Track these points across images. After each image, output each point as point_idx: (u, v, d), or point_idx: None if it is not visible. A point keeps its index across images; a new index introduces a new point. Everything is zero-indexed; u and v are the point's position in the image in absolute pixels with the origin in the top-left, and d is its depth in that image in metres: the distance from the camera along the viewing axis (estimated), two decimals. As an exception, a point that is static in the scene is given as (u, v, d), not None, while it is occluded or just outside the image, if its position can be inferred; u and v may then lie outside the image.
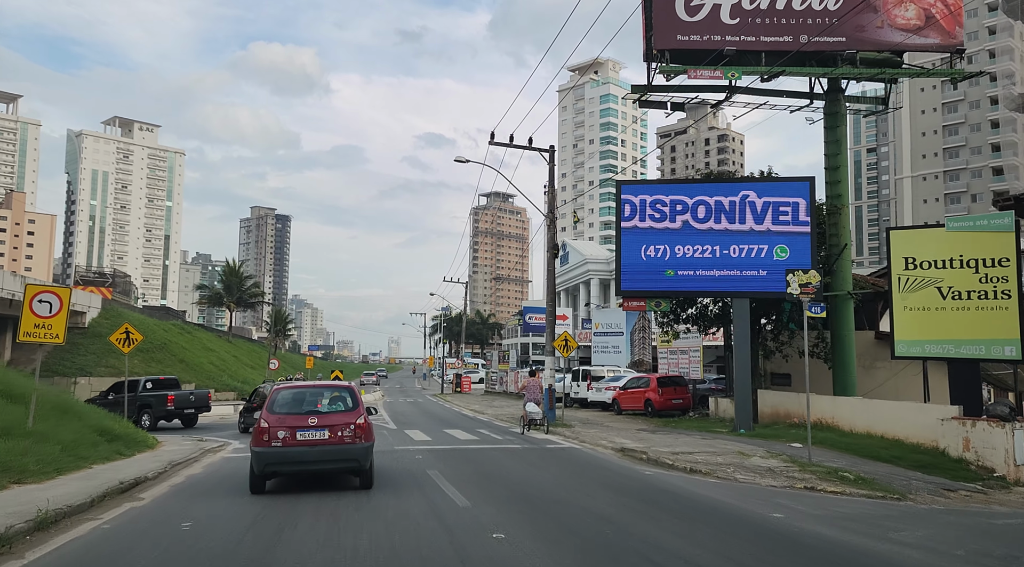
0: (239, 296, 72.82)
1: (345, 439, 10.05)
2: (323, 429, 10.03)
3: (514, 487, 10.93)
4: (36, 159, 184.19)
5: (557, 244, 23.81)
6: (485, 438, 18.97)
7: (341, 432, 10.06)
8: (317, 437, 9.98)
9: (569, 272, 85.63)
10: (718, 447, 15.63)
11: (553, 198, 23.17)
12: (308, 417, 10.18)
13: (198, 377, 44.89)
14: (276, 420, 10.07)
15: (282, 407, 10.46)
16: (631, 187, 20.79)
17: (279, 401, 10.59)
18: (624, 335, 37.92)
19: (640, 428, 21.61)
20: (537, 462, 13.97)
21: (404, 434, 20.40)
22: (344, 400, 10.81)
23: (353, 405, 10.68)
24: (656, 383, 26.67)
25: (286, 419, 10.10)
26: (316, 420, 10.12)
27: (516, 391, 47.37)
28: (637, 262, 20.28)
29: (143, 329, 46.60)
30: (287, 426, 9.97)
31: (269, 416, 10.15)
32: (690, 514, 8.85)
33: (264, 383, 25.17)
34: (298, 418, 10.16)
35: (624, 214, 20.38)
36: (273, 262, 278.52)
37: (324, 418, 10.22)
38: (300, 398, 10.81)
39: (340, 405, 10.69)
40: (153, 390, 25.80)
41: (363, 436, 10.21)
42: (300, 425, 10.01)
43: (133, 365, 41.47)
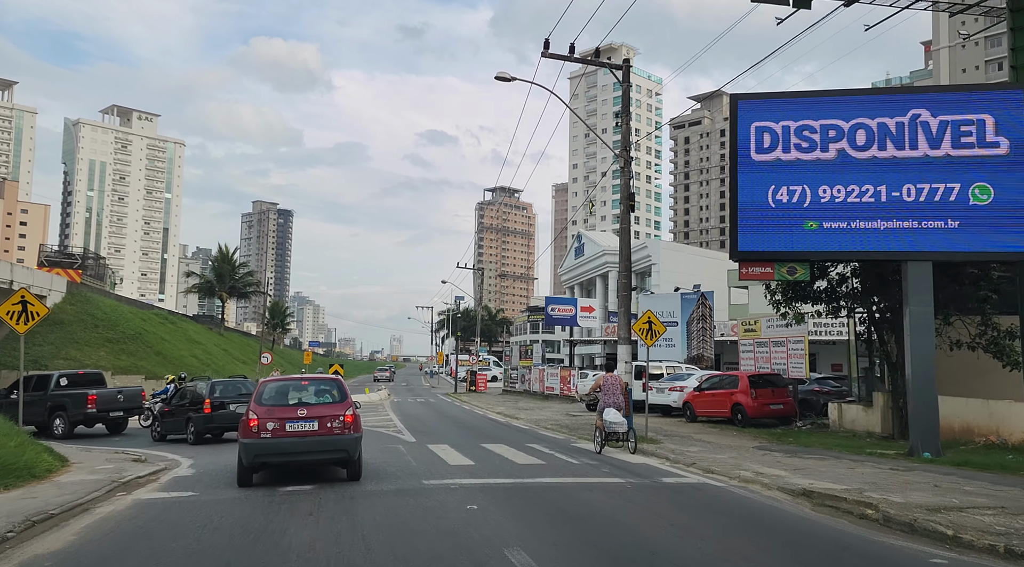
0: (232, 285, 66.80)
1: (334, 430, 10.15)
2: (312, 420, 10.08)
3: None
4: (32, 149, 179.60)
5: (633, 192, 17.69)
6: (552, 461, 12.93)
7: (330, 423, 10.14)
8: (307, 428, 10.04)
9: (584, 265, 79.67)
10: (970, 491, 9.54)
11: (628, 132, 17.20)
12: (297, 409, 10.23)
13: (178, 371, 38.89)
14: (265, 412, 10.06)
15: (271, 399, 10.48)
16: (758, 105, 14.55)
17: (268, 392, 10.64)
18: (679, 326, 31.86)
19: (757, 445, 15.54)
20: (682, 519, 7.94)
21: (429, 452, 14.39)
22: (332, 392, 10.85)
23: (341, 397, 10.72)
24: (748, 383, 20.62)
25: (275, 411, 10.12)
26: (305, 411, 10.19)
27: (541, 391, 41.49)
28: (763, 210, 14.21)
29: (115, 317, 40.73)
30: (276, 417, 9.98)
31: (258, 408, 10.13)
32: None
33: (193, 381, 19.40)
34: (287, 410, 10.21)
35: (749, 143, 14.29)
36: (275, 257, 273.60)
37: (313, 410, 10.28)
38: (288, 390, 10.86)
39: (328, 397, 10.73)
40: (69, 388, 19.88)
41: (352, 427, 10.33)
42: (289, 416, 10.07)
43: (99, 358, 35.58)
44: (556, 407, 32.03)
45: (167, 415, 18.73)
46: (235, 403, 17.39)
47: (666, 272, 67.69)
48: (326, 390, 10.92)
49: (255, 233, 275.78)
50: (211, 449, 16.30)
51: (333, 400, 10.61)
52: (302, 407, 10.28)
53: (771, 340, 21.96)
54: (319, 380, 11.57)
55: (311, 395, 10.82)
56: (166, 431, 18.79)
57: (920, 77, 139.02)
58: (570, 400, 36.49)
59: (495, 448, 15.13)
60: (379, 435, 18.95)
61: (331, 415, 10.17)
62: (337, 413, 10.23)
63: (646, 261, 69.48)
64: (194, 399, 17.86)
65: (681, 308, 31.95)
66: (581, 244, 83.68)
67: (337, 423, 10.12)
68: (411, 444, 16.22)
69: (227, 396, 17.69)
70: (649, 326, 16.49)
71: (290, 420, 9.97)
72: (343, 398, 10.69)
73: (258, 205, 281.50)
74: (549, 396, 39.99)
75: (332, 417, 10.14)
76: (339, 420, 10.15)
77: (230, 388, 18.18)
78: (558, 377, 39.94)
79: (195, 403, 17.68)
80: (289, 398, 10.62)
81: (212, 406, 17.22)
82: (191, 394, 18.18)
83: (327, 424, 10.07)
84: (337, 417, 10.17)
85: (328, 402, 10.55)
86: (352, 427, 10.28)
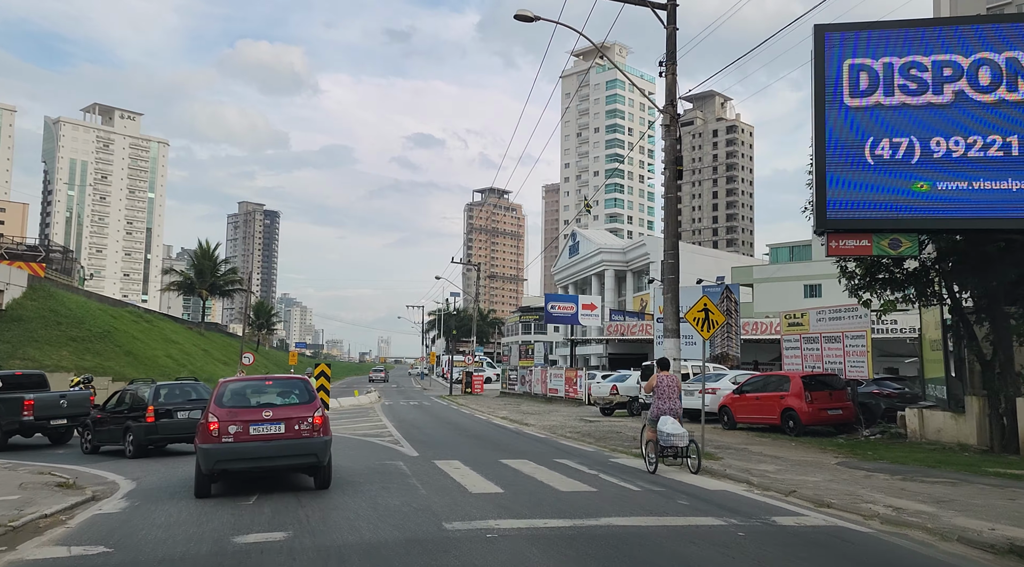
0: (213, 282, 63.36)
1: (303, 433, 9.51)
2: (279, 423, 9.43)
3: None
4: (11, 146, 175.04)
5: (682, 156, 14.70)
6: (603, 488, 9.92)
7: (298, 425, 9.51)
8: (273, 431, 9.39)
9: (579, 263, 77.05)
10: None
11: (674, 83, 14.25)
12: (262, 410, 9.59)
13: (150, 372, 35.65)
14: (227, 414, 9.38)
15: (232, 400, 9.77)
16: (851, 38, 11.51)
17: (228, 394, 9.89)
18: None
19: (840, 461, 12.62)
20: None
21: (439, 473, 11.36)
22: (298, 393, 10.17)
23: (309, 398, 10.05)
24: (801, 385, 17.71)
25: (237, 413, 9.46)
26: (271, 413, 9.53)
27: (544, 393, 38.57)
28: (859, 167, 11.32)
29: (81, 314, 37.39)
30: (239, 420, 9.32)
31: (218, 410, 9.45)
32: None
33: (133, 382, 16.22)
34: (251, 412, 9.59)
35: (840, 86, 11.38)
36: (261, 259, 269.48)
37: (279, 411, 9.63)
38: (251, 391, 10.28)
39: (294, 398, 10.08)
40: (3, 391, 16.75)
41: (321, 430, 9.67)
42: (254, 419, 9.41)
43: (60, 358, 32.29)
44: (564, 411, 29.12)
45: (100, 423, 15.61)
46: (183, 410, 14.38)
47: (665, 270, 65.14)
48: (291, 390, 10.23)
49: (241, 234, 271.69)
50: (156, 466, 13.25)
51: (300, 401, 9.94)
52: (267, 409, 9.63)
53: (822, 335, 19.09)
54: (284, 380, 10.83)
55: (276, 396, 10.14)
56: (99, 441, 15.73)
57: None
58: (576, 403, 33.60)
59: (519, 465, 12.13)
60: (372, 446, 15.92)
61: (299, 417, 9.54)
62: (305, 415, 9.60)
63: (644, 259, 66.86)
64: (134, 405, 14.78)
65: (703, 303, 29.06)
66: (576, 242, 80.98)
67: (305, 425, 9.51)
68: (413, 460, 13.18)
69: (174, 402, 14.66)
70: (705, 315, 13.59)
71: (255, 422, 9.34)
72: (310, 399, 10.02)
73: (244, 206, 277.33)
74: (553, 399, 37.10)
75: (300, 419, 9.52)
76: (307, 422, 9.54)
77: (178, 392, 15.11)
78: (563, 378, 37.00)
79: (135, 410, 14.62)
80: (252, 399, 9.98)
81: (156, 414, 14.18)
82: (131, 399, 15.06)
83: (295, 426, 9.45)
84: (305, 419, 9.55)
85: (295, 403, 9.88)
86: (322, 429, 9.65)
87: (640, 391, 25.29)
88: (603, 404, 26.16)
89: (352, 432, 19.94)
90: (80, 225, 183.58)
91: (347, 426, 22.28)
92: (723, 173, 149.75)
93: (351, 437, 18.39)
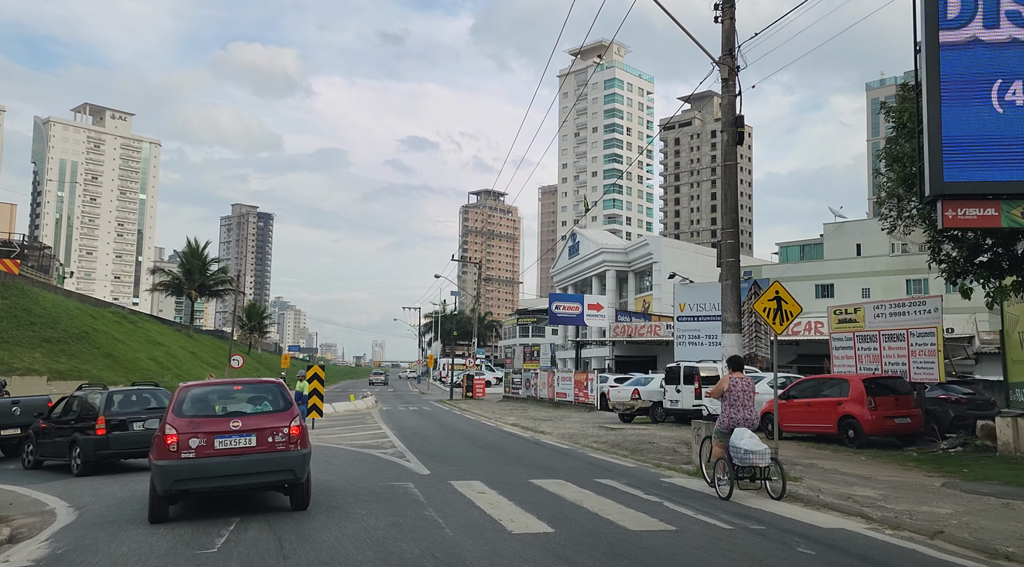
0: (202, 282, 60.80)
1: (278, 445, 8.17)
2: (249, 434, 8.09)
3: None
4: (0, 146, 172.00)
5: (742, 114, 12.39)
6: (684, 525, 7.59)
7: (272, 437, 8.17)
8: (243, 444, 8.03)
9: (579, 264, 74.83)
10: None
11: (732, 30, 12.00)
12: (230, 420, 8.19)
13: (130, 375, 33.24)
14: (187, 425, 8.01)
15: (194, 408, 8.35)
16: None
17: (190, 401, 8.45)
18: (727, 320, 26.72)
19: (944, 482, 10.37)
20: None
21: (461, 500, 9.04)
22: (272, 399, 8.77)
23: (285, 405, 8.67)
24: (863, 389, 15.46)
25: (200, 423, 8.08)
26: (240, 423, 8.15)
27: (551, 398, 36.31)
28: (984, 119, 9.09)
29: (57, 313, 34.94)
30: (202, 432, 7.96)
31: (177, 420, 8.04)
32: None
33: (82, 387, 13.80)
34: (216, 421, 8.19)
35: (958, 15, 9.16)
36: (255, 261, 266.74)
37: (250, 421, 8.26)
38: (217, 397, 8.82)
39: (267, 405, 8.67)
40: None
41: (299, 442, 8.33)
42: (220, 430, 8.05)
43: (32, 360, 29.85)
44: (577, 417, 26.87)
45: (44, 434, 13.35)
46: (140, 421, 12.16)
47: (668, 271, 63.02)
48: (264, 396, 8.86)
49: (234, 237, 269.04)
50: (108, 486, 10.98)
51: (274, 408, 8.63)
52: (236, 418, 8.27)
53: (881, 333, 16.86)
54: (255, 384, 9.42)
55: (246, 403, 8.78)
56: (42, 455, 13.50)
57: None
58: (587, 408, 31.36)
59: (557, 488, 9.83)
60: (373, 461, 13.60)
61: (273, 427, 8.29)
62: (280, 424, 8.34)
63: (647, 259, 64.70)
64: (83, 414, 12.48)
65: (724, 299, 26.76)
66: (576, 243, 78.72)
67: (281, 437, 8.26)
68: (425, 480, 10.86)
69: (129, 411, 12.38)
70: (778, 304, 11.24)
71: (221, 434, 8.04)
72: (286, 406, 8.68)
73: (237, 208, 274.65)
74: (561, 403, 34.85)
75: (274, 429, 8.27)
76: (283, 433, 8.28)
77: (135, 400, 12.80)
78: (572, 382, 34.75)
79: (84, 419, 12.32)
80: (218, 407, 8.62)
81: (108, 425, 11.89)
82: (80, 407, 12.73)
83: (268, 438, 8.19)
84: (280, 429, 8.29)
85: (268, 411, 8.58)
86: (299, 441, 8.39)
87: (662, 394, 23.05)
88: (623, 409, 23.89)
89: (349, 442, 17.60)
90: (70, 227, 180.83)
91: (343, 435, 19.96)
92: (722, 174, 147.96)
93: (348, 449, 16.06)
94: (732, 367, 10.01)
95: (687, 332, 27.83)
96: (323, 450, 15.48)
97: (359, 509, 8.45)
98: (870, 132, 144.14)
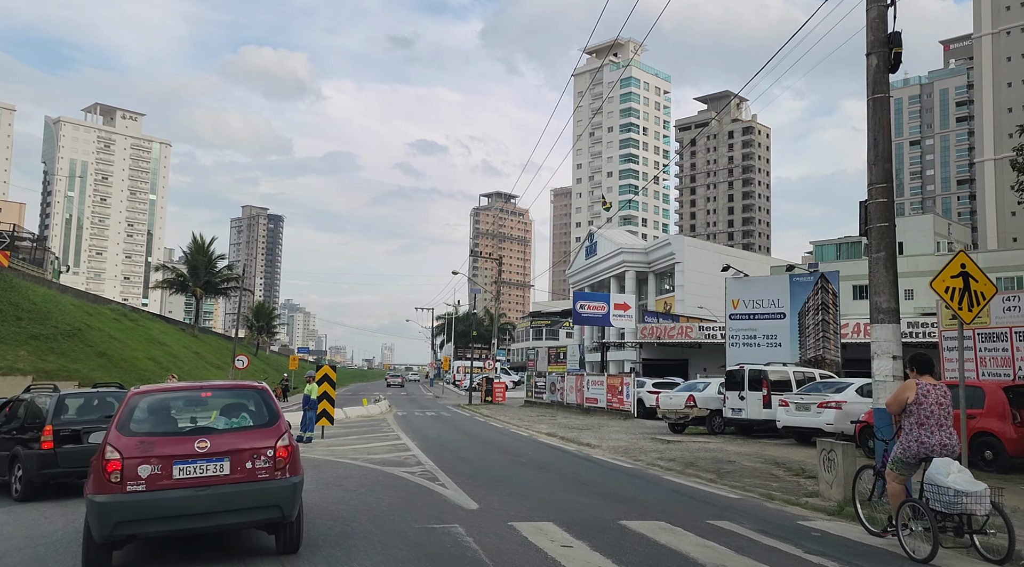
0: (208, 280, 58.26)
1: (259, 472, 6.00)
2: (221, 458, 5.90)
3: None
4: (10, 146, 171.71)
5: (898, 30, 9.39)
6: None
7: (252, 461, 6.00)
8: (212, 472, 5.86)
9: (597, 265, 72.04)
10: None
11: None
12: (195, 439, 5.95)
13: (125, 376, 30.62)
14: (136, 446, 5.77)
15: (147, 423, 6.12)
16: None
17: (141, 412, 6.20)
18: (787, 318, 23.67)
19: None
20: None
21: (541, 559, 6.18)
22: (253, 409, 6.46)
23: (269, 418, 6.38)
24: (1004, 399, 12.51)
25: (154, 444, 5.84)
26: (208, 442, 5.93)
27: (580, 403, 33.45)
28: None
29: (48, 309, 32.31)
30: (156, 455, 5.76)
31: (122, 439, 5.81)
32: None
33: (30, 389, 10.78)
34: (177, 441, 5.93)
35: None
36: (265, 263, 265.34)
37: (222, 439, 6.04)
38: (179, 406, 6.61)
39: (246, 418, 6.39)
40: None
41: (288, 468, 6.15)
42: (181, 453, 5.83)
43: (16, 358, 27.22)
44: (616, 425, 24.04)
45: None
46: (99, 431, 9.34)
47: (691, 272, 60.09)
48: (242, 406, 6.48)
49: (244, 238, 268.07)
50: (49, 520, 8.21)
51: (256, 423, 6.30)
52: (203, 435, 5.98)
53: (1012, 330, 13.92)
54: (230, 389, 6.96)
55: (217, 415, 6.49)
56: None
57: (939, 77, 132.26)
58: (623, 415, 28.49)
59: (669, 538, 6.94)
60: (399, 485, 10.73)
61: (253, 448, 6.01)
62: (263, 445, 6.05)
63: (669, 259, 61.75)
64: (29, 422, 9.74)
65: (790, 295, 23.76)
66: (593, 243, 75.84)
67: (263, 461, 6.00)
68: (474, 518, 8.00)
69: (87, 419, 9.67)
70: (964, 282, 8.29)
71: (183, 458, 5.78)
72: (271, 419, 6.32)
73: (248, 210, 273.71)
74: (591, 409, 32.00)
75: (255, 451, 6.00)
76: (266, 456, 6.01)
77: (95, 405, 10.07)
78: (604, 386, 31.81)
79: (29, 429, 9.59)
80: (180, 420, 6.36)
81: (57, 436, 9.15)
82: (27, 412, 9.99)
83: (247, 463, 5.95)
84: (262, 451, 6.02)
85: (247, 426, 6.25)
86: (288, 467, 6.12)
87: (720, 402, 20.11)
88: (675, 419, 20.98)
89: (366, 457, 14.76)
90: (80, 227, 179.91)
91: (357, 446, 17.16)
92: (739, 175, 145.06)
93: (365, 466, 13.22)
94: (918, 368, 6.95)
95: (741, 332, 24.84)
96: (335, 468, 12.67)
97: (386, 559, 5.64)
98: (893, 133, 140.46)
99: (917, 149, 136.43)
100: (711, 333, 41.82)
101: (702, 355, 44.59)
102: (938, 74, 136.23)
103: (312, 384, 19.36)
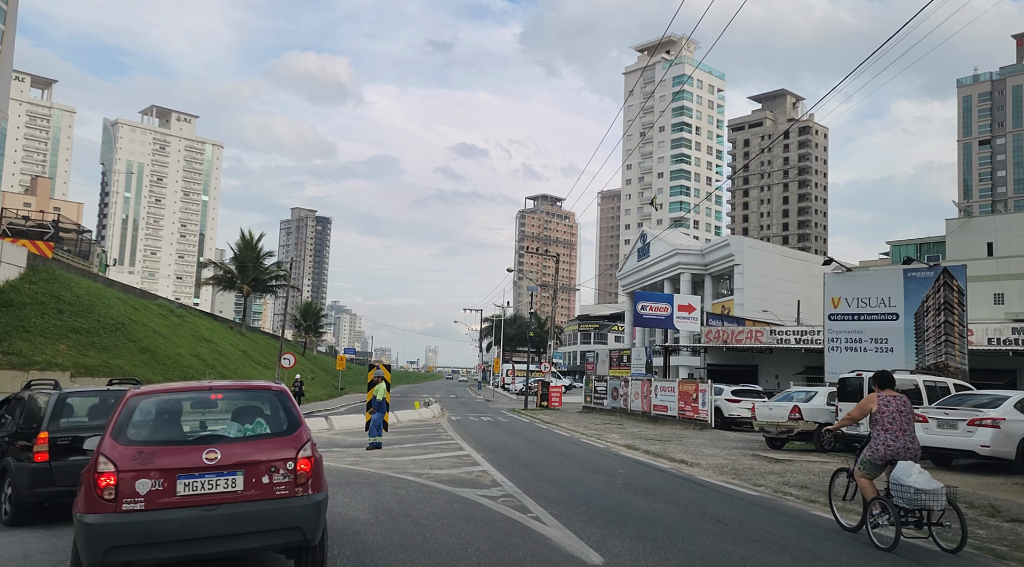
0: (256, 276, 57.22)
1: (277, 489, 5.14)
2: (233, 472, 5.05)
3: None
4: (69, 148, 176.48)
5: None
6: None
7: (270, 476, 5.15)
8: (222, 487, 5.02)
9: (650, 267, 69.02)
10: None
11: None
12: (202, 449, 5.09)
13: (169, 373, 29.19)
14: (133, 457, 4.98)
15: (146, 429, 5.22)
16: None
17: (140, 416, 5.27)
18: (900, 319, 20.67)
19: None
20: None
21: None
22: (267, 413, 5.53)
23: (289, 425, 5.47)
24: None
25: (155, 454, 5.02)
26: (219, 453, 5.09)
27: (646, 411, 30.92)
28: None
29: (91, 302, 31.06)
30: (159, 468, 4.95)
31: (117, 448, 5.01)
32: None
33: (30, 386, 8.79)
34: (181, 452, 5.09)
35: None
36: (313, 264, 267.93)
37: (234, 449, 5.15)
38: (184, 410, 5.55)
39: (262, 425, 5.46)
40: None
41: (310, 483, 5.26)
42: (187, 465, 5.00)
43: (55, 353, 25.88)
44: (696, 437, 21.51)
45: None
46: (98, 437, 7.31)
47: (751, 275, 56.66)
48: (256, 411, 5.45)
49: (293, 240, 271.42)
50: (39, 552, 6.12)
51: (273, 430, 5.36)
52: (211, 445, 5.08)
53: None
54: (243, 391, 5.88)
55: (228, 421, 5.48)
56: None
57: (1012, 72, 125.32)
58: (698, 425, 25.87)
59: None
60: (482, 516, 8.36)
61: (270, 460, 5.13)
62: (282, 456, 5.17)
63: (728, 261, 58.40)
64: (23, 428, 7.76)
65: (904, 293, 20.79)
66: (646, 244, 72.75)
67: (282, 476, 5.13)
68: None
69: (92, 424, 7.61)
70: None
71: (187, 472, 4.94)
72: (291, 426, 5.40)
73: (296, 212, 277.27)
74: (659, 418, 29.43)
75: (272, 464, 5.12)
76: (285, 469, 5.15)
77: (100, 407, 7.95)
78: (675, 393, 29.16)
79: (23, 436, 7.60)
80: (185, 426, 5.35)
81: (54, 447, 7.18)
82: (24, 414, 8.03)
83: (263, 477, 5.07)
84: (281, 464, 5.15)
85: (263, 435, 5.30)
86: (311, 482, 5.23)
87: (831, 414, 17.38)
88: (776, 433, 18.28)
89: (430, 473, 12.47)
90: (136, 227, 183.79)
91: (416, 457, 14.96)
92: (795, 177, 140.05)
93: (432, 486, 10.93)
94: (879, 384, 7.85)
95: (843, 334, 21.96)
96: (396, 488, 10.46)
97: None
98: (961, 132, 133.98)
99: (987, 149, 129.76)
100: (783, 337, 38.91)
101: (772, 361, 41.59)
102: (1010, 70, 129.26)
103: (380, 384, 17.39)
